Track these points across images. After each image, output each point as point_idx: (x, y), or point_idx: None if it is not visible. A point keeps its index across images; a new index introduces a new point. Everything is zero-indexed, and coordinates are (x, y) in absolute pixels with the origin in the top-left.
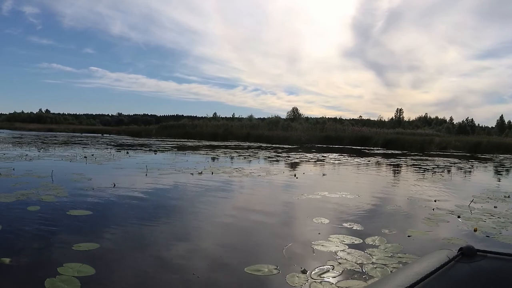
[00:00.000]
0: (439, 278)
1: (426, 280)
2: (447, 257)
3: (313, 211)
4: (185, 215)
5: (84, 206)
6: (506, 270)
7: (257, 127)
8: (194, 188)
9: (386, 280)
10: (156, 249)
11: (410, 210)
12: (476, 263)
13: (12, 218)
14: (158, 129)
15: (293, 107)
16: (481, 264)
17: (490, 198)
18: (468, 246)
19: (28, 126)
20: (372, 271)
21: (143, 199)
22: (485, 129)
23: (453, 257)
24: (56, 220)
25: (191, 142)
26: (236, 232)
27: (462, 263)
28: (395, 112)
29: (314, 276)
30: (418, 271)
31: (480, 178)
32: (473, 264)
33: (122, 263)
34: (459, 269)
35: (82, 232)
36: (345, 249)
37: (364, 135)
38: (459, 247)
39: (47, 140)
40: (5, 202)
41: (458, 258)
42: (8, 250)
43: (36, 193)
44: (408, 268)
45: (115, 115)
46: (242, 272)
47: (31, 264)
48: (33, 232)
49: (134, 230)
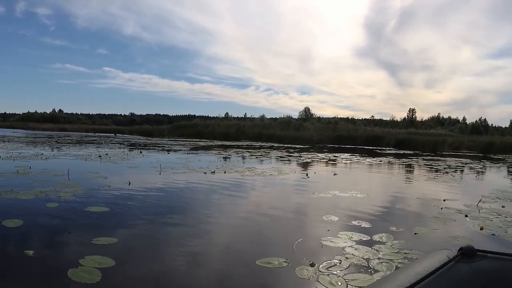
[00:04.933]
0: (439, 278)
1: (426, 280)
2: (447, 257)
3: (323, 209)
4: (198, 212)
5: (101, 203)
6: (506, 270)
7: (269, 127)
8: (207, 186)
9: (386, 280)
10: (171, 243)
11: (419, 209)
12: (476, 263)
13: (32, 214)
14: (170, 129)
15: (305, 107)
16: (481, 264)
17: (499, 198)
18: (468, 246)
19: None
20: (378, 266)
21: (158, 196)
22: (498, 129)
23: (453, 257)
24: (75, 216)
25: (203, 142)
26: (248, 228)
27: (462, 263)
28: (408, 112)
29: (322, 269)
30: (418, 271)
31: (491, 178)
32: (473, 264)
33: (140, 256)
34: (459, 269)
35: (100, 227)
36: (353, 245)
37: (376, 135)
38: (459, 247)
39: (61, 139)
40: (25, 199)
41: (458, 258)
42: (30, 244)
43: (54, 190)
44: (408, 268)
45: (127, 115)
46: (254, 265)
47: (53, 256)
48: (54, 227)
49: (150, 226)
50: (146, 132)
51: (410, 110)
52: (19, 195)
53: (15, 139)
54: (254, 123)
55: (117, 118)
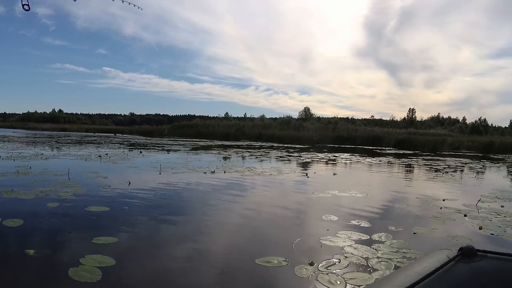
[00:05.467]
0: (439, 278)
1: (426, 280)
2: (447, 257)
3: (323, 209)
4: (198, 212)
5: (101, 203)
6: (506, 270)
7: (269, 127)
8: (207, 186)
9: (386, 280)
10: (171, 242)
11: (418, 209)
12: (476, 263)
13: (33, 213)
14: (170, 129)
15: (305, 107)
16: (481, 264)
17: (498, 197)
18: (468, 246)
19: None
20: (376, 265)
21: (158, 196)
22: (498, 129)
23: (453, 257)
24: (75, 215)
25: (203, 142)
26: (248, 228)
27: (462, 263)
28: (408, 112)
29: (321, 268)
30: (418, 271)
31: (490, 178)
32: (473, 264)
33: (140, 255)
34: (459, 269)
35: (100, 227)
36: (352, 244)
37: (376, 135)
38: (459, 247)
39: (61, 139)
40: (25, 199)
41: (458, 258)
42: (31, 243)
43: (54, 190)
44: (408, 268)
45: (127, 115)
46: (253, 264)
47: (54, 255)
48: (54, 226)
49: (150, 225)
50: (146, 132)
51: (410, 110)
52: (19, 195)
53: (15, 139)
54: (254, 123)
55: (117, 118)
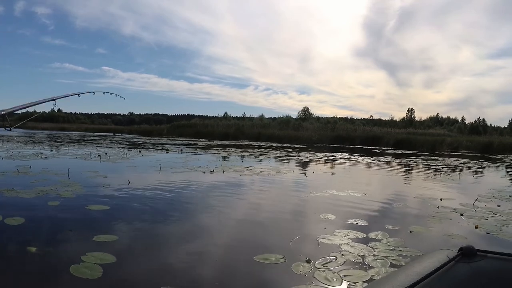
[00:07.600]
0: (439, 278)
1: (426, 280)
2: (447, 257)
3: (320, 208)
4: (197, 211)
5: (101, 201)
6: (506, 270)
7: (268, 126)
8: (206, 185)
9: (386, 280)
10: (170, 240)
11: (415, 208)
12: (476, 263)
13: (33, 212)
14: (169, 129)
15: (304, 107)
16: (481, 264)
17: (495, 197)
18: (468, 246)
19: (41, 125)
20: (373, 262)
21: (157, 195)
22: (497, 129)
23: (453, 257)
24: (76, 214)
25: (202, 142)
26: (247, 226)
27: (462, 263)
28: (407, 112)
29: (318, 266)
30: (418, 271)
31: (488, 178)
32: (473, 264)
33: (140, 252)
34: (459, 269)
35: (101, 225)
36: (348, 242)
37: (375, 135)
38: (459, 247)
39: (60, 139)
40: (26, 198)
41: (458, 258)
42: (33, 241)
43: (54, 189)
44: (408, 268)
45: (126, 114)
46: (251, 260)
47: (55, 252)
48: (55, 225)
49: (150, 224)
50: (145, 131)
51: (409, 110)
52: (20, 193)
53: (15, 139)
54: (253, 122)
55: (116, 118)
